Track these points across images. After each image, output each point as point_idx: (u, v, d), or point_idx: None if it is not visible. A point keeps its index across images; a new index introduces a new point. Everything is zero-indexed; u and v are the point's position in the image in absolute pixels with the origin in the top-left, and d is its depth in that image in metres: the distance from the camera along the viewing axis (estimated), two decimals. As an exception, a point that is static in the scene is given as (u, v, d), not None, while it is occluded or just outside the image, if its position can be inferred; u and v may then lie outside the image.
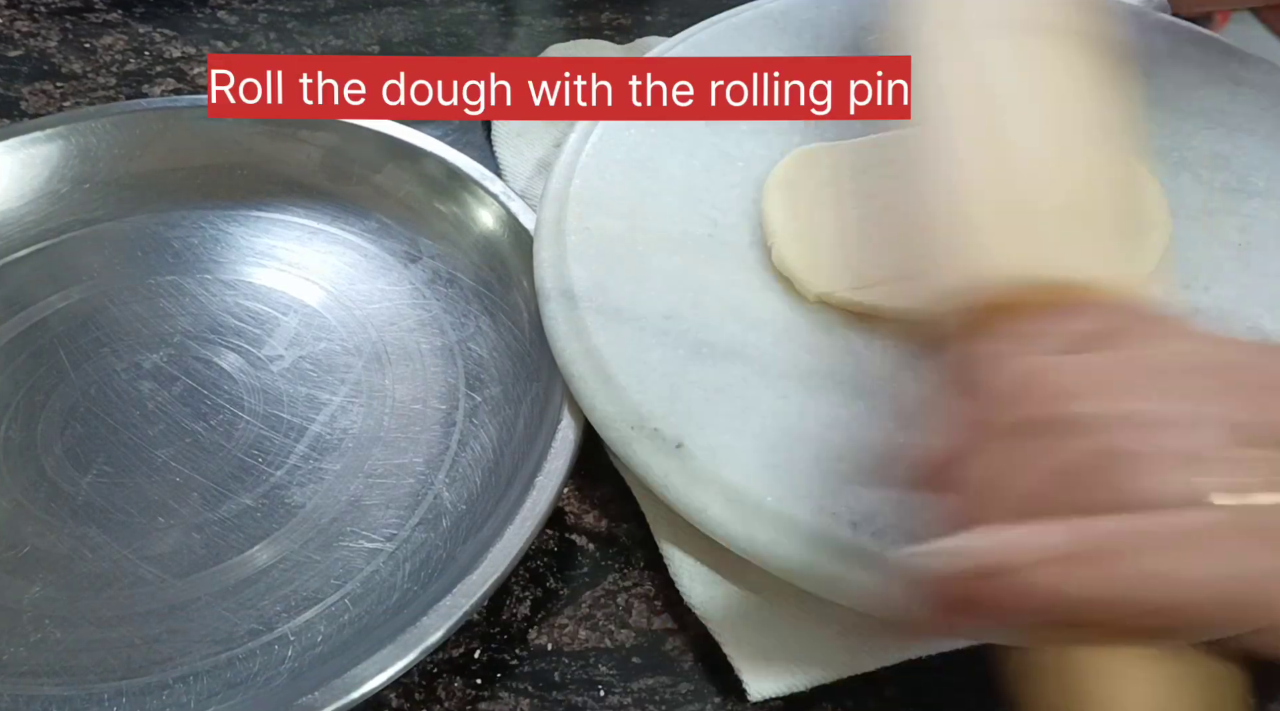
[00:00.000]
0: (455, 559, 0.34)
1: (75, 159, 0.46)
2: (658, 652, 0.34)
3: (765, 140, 0.44)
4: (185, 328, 0.42)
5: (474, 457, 0.38)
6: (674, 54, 0.47)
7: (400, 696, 0.33)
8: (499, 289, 0.43)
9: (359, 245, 0.45)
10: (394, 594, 0.34)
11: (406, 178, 0.46)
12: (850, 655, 0.33)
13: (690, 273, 0.39)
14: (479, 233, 0.44)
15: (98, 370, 0.40)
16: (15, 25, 0.56)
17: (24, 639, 0.33)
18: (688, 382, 0.35)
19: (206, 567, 0.35)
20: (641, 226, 0.40)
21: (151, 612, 0.34)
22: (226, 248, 0.45)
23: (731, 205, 0.41)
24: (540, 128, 0.50)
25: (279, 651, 0.33)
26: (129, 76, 0.54)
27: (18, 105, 0.52)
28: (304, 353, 0.41)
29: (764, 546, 0.32)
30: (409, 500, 0.37)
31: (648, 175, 0.42)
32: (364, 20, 0.58)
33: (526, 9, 0.60)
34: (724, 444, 0.34)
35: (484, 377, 0.41)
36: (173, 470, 0.37)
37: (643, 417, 0.34)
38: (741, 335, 0.37)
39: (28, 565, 0.35)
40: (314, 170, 0.47)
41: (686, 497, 0.33)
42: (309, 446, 0.38)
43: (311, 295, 0.43)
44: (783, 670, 0.33)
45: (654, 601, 0.36)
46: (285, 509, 0.36)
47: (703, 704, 0.33)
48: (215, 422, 0.39)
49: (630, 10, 0.59)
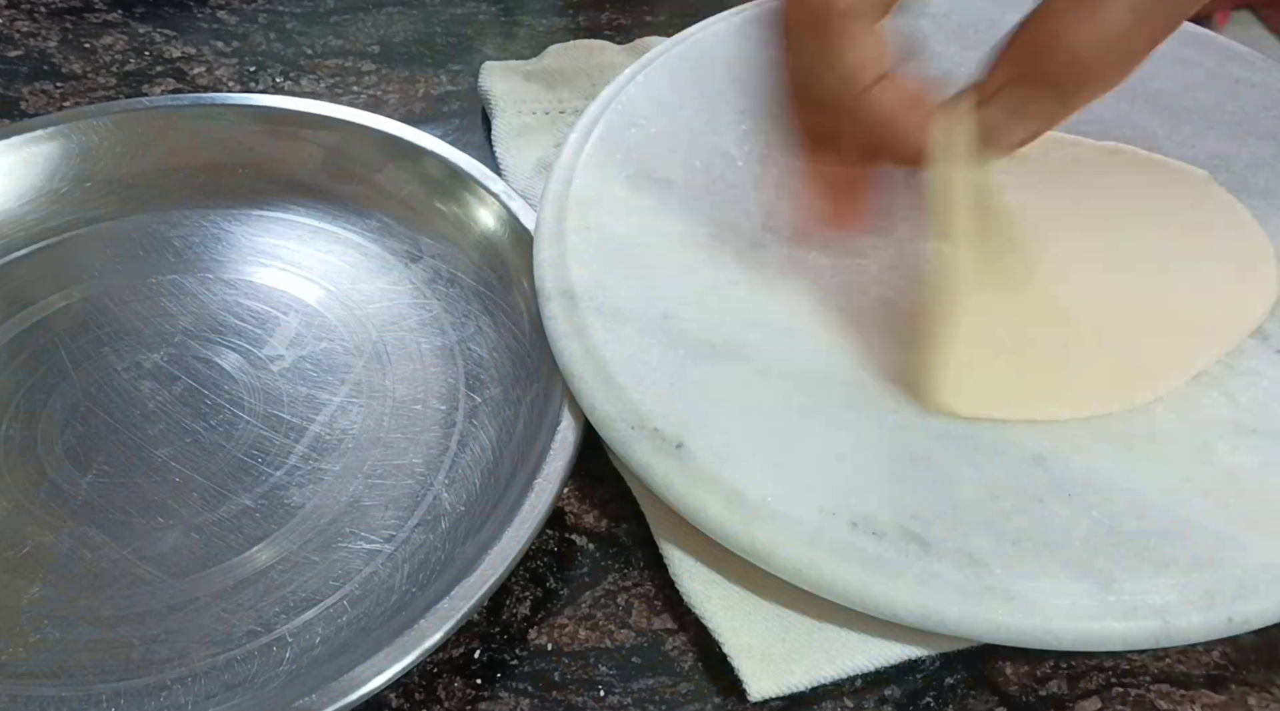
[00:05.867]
0: (454, 560, 0.34)
1: (76, 158, 0.46)
2: (658, 652, 0.34)
3: (765, 140, 0.44)
4: (186, 327, 0.42)
5: (473, 458, 0.38)
6: (674, 54, 0.46)
7: (400, 696, 0.33)
8: (499, 289, 0.43)
9: (360, 245, 0.45)
10: (392, 595, 0.34)
11: (407, 177, 0.46)
12: (850, 655, 0.33)
13: (690, 273, 0.39)
14: (480, 232, 0.44)
15: (98, 369, 0.40)
16: (15, 25, 0.56)
17: (22, 639, 0.33)
18: (688, 382, 0.35)
19: (205, 568, 0.35)
20: (641, 226, 0.40)
21: (150, 613, 0.34)
22: (227, 247, 0.45)
23: (731, 205, 0.41)
24: (540, 127, 0.50)
25: (277, 652, 0.33)
26: (129, 76, 0.54)
27: (17, 105, 0.52)
28: (304, 352, 0.41)
29: (764, 546, 0.32)
30: (408, 501, 0.37)
31: (648, 175, 0.42)
32: (364, 20, 0.58)
33: (526, 9, 0.60)
34: (724, 444, 0.34)
35: (484, 378, 0.41)
36: (172, 470, 0.37)
37: (643, 417, 0.34)
38: (741, 335, 0.37)
39: (27, 565, 0.35)
40: (315, 169, 0.47)
41: (686, 497, 0.33)
42: (309, 447, 0.38)
43: (312, 294, 0.43)
44: (783, 670, 0.33)
45: (654, 601, 0.36)
46: (284, 509, 0.36)
47: (703, 704, 0.33)
48: (215, 422, 0.39)
49: (630, 10, 0.59)
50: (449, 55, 0.56)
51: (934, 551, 0.32)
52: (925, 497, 0.33)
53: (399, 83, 0.54)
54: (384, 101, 0.53)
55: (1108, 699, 0.34)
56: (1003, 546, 0.32)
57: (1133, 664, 0.34)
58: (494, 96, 0.51)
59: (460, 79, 0.55)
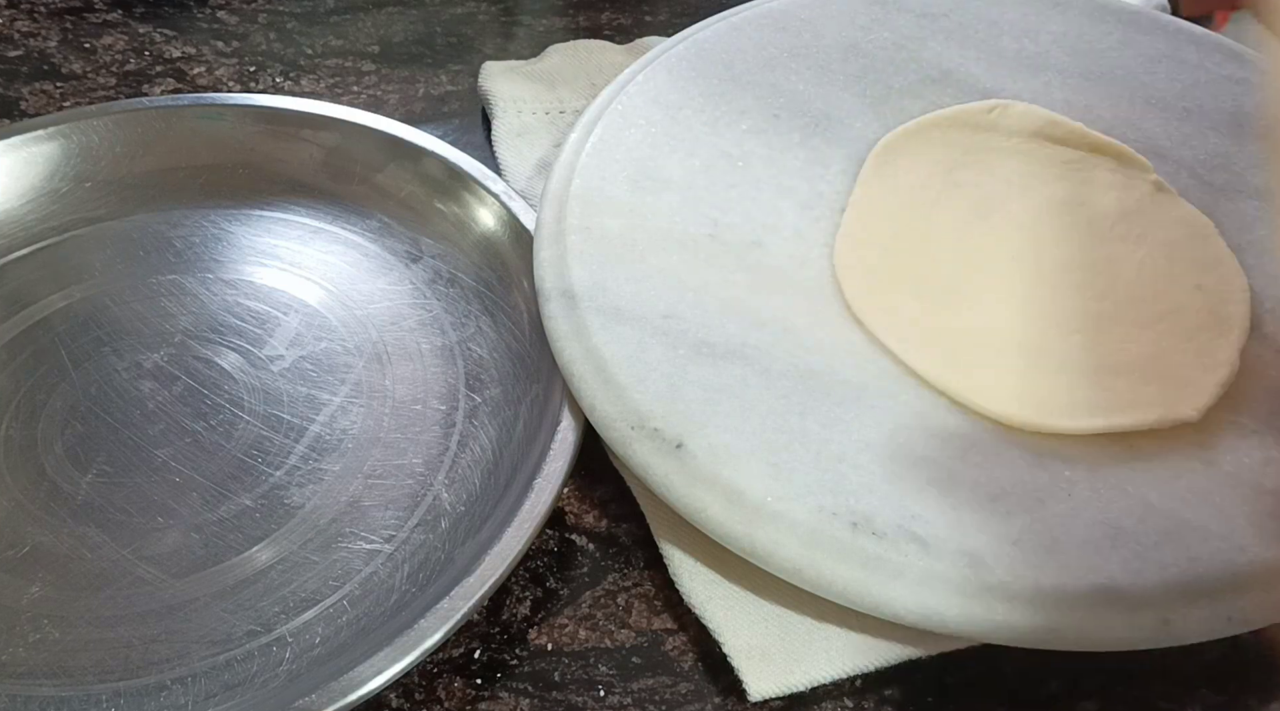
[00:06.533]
0: (453, 561, 0.34)
1: (77, 157, 0.46)
2: (658, 652, 0.34)
3: (765, 140, 0.44)
4: (186, 327, 0.42)
5: (473, 459, 0.38)
6: (674, 54, 0.46)
7: (400, 696, 0.33)
8: (499, 289, 0.43)
9: (360, 245, 0.45)
10: (392, 596, 0.34)
11: (408, 177, 0.46)
12: (850, 655, 0.33)
13: (690, 273, 0.39)
14: (480, 232, 0.44)
15: (98, 369, 0.40)
16: (15, 25, 0.56)
17: (22, 639, 0.33)
18: (688, 382, 0.35)
19: (205, 568, 0.35)
20: (641, 226, 0.40)
21: (150, 613, 0.34)
22: (228, 247, 0.45)
23: (731, 205, 0.41)
24: (540, 127, 0.50)
25: (277, 653, 0.33)
26: (129, 76, 0.54)
27: (17, 105, 0.52)
28: (304, 352, 0.41)
29: (764, 546, 0.32)
30: (408, 501, 0.37)
31: (648, 175, 0.42)
32: (364, 20, 0.58)
33: (526, 9, 0.60)
34: (724, 444, 0.34)
35: (484, 378, 0.41)
36: (172, 470, 0.37)
37: (643, 417, 0.34)
38: (741, 335, 0.37)
39: (27, 564, 0.35)
40: (316, 169, 0.47)
41: (686, 497, 0.33)
42: (309, 447, 0.38)
43: (312, 295, 0.43)
44: (783, 670, 0.33)
45: (654, 601, 0.36)
46: (284, 509, 0.36)
47: (703, 704, 0.33)
48: (215, 422, 0.39)
49: (630, 10, 0.59)
50: (449, 55, 0.56)
51: (934, 551, 0.32)
52: (925, 497, 0.33)
53: (399, 83, 0.54)
54: (384, 101, 0.53)
55: (1108, 699, 0.34)
56: (1003, 546, 0.32)
57: (1133, 664, 0.34)
58: (494, 96, 0.51)
59: (460, 79, 0.55)
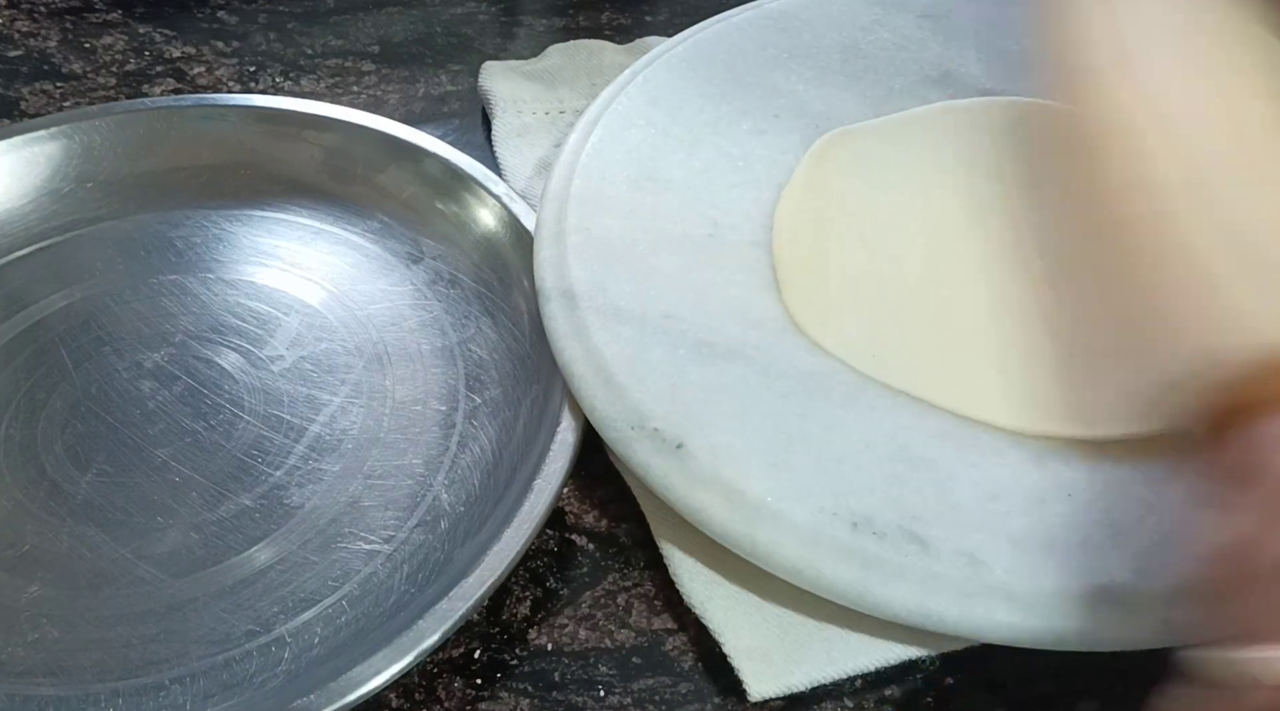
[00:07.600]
0: (453, 561, 0.34)
1: (78, 158, 0.46)
2: (658, 652, 0.34)
3: (765, 140, 0.44)
4: (187, 327, 0.42)
5: (473, 459, 0.38)
6: (674, 54, 0.47)
7: (400, 696, 0.33)
8: (500, 289, 0.43)
9: (361, 245, 0.45)
10: (391, 596, 0.34)
11: (408, 178, 0.46)
12: (850, 655, 0.33)
13: (690, 273, 0.39)
14: (480, 233, 0.44)
15: (99, 369, 0.40)
16: (15, 25, 0.56)
17: (21, 638, 0.33)
18: (688, 382, 0.35)
19: (204, 568, 0.35)
20: (641, 226, 0.40)
21: (149, 613, 0.34)
22: (229, 247, 0.45)
23: (731, 205, 0.41)
24: (540, 128, 0.50)
25: (276, 653, 0.33)
26: (129, 76, 0.54)
27: (18, 105, 0.52)
28: (305, 353, 0.41)
29: (764, 546, 0.32)
30: (408, 501, 0.37)
31: (648, 175, 0.42)
32: (364, 20, 0.58)
33: (526, 9, 0.60)
34: (724, 444, 0.34)
35: (484, 379, 0.41)
36: (172, 470, 0.37)
37: (643, 417, 0.34)
38: (741, 335, 0.37)
39: (26, 564, 0.35)
40: (316, 170, 0.47)
41: (686, 497, 0.33)
42: (308, 447, 0.38)
43: (313, 295, 0.43)
44: (783, 670, 0.33)
45: (654, 601, 0.36)
46: (284, 509, 0.36)
47: (703, 704, 0.33)
48: (215, 422, 0.39)
49: (630, 10, 0.59)
50: (449, 55, 0.56)
51: (934, 551, 0.32)
52: (925, 497, 0.33)
53: (399, 83, 0.54)
54: (384, 101, 0.53)
55: (1107, 699, 0.34)
56: (1003, 546, 0.32)
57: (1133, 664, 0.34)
58: (494, 96, 0.51)
59: (460, 79, 0.55)
